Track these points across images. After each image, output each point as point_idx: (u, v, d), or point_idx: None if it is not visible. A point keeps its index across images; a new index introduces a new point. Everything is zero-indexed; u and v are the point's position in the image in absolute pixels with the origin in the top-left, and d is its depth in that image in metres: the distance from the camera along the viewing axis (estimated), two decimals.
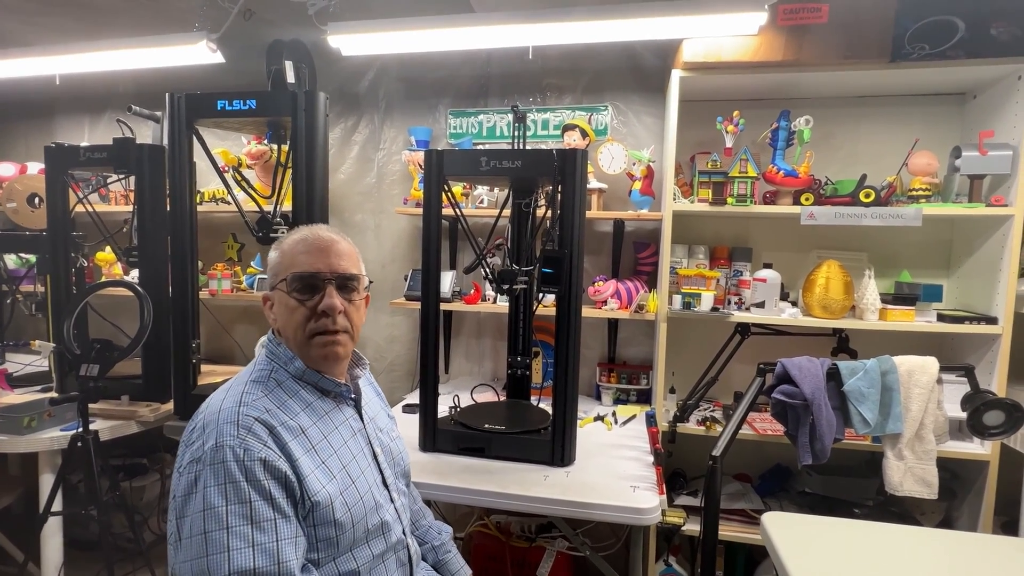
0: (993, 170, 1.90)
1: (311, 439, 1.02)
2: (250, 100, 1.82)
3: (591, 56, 2.44)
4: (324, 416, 1.08)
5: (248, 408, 0.97)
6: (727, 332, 2.10)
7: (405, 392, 2.64)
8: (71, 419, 1.92)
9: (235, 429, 0.93)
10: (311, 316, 1.07)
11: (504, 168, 1.68)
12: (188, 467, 0.93)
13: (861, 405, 1.64)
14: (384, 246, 2.72)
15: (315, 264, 1.08)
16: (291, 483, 0.95)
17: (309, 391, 1.09)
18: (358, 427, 1.14)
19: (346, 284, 1.10)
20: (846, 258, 2.12)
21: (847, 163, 2.23)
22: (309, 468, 0.98)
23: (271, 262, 1.11)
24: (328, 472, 1.01)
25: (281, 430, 0.97)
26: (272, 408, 1.00)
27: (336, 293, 1.08)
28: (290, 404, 1.03)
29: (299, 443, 0.99)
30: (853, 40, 1.84)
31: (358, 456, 1.10)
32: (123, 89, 2.92)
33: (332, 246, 1.10)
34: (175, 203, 1.92)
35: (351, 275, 1.11)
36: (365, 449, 1.13)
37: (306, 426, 1.02)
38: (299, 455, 0.97)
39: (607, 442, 1.93)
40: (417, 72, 2.62)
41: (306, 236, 1.11)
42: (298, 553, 0.93)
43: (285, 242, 1.11)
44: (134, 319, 1.81)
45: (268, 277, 1.12)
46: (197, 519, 0.89)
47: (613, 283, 2.29)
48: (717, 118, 2.05)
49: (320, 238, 1.10)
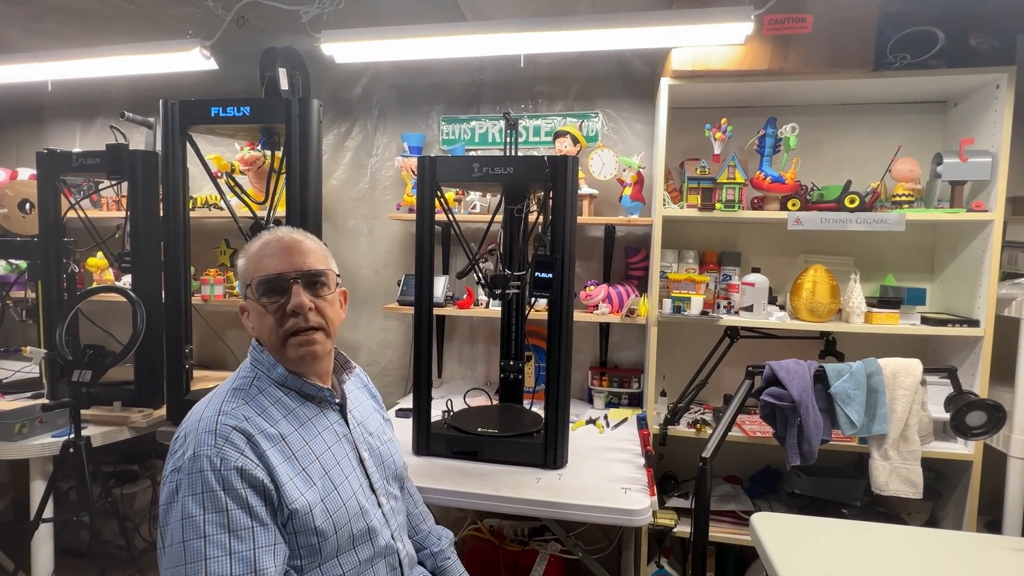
0: (973, 176, 1.94)
1: (291, 446, 1.01)
2: (244, 107, 1.83)
3: (582, 64, 2.47)
4: (306, 422, 1.07)
5: (227, 417, 0.97)
6: (716, 335, 2.12)
7: (399, 396, 2.64)
8: (63, 425, 1.91)
9: (213, 439, 0.94)
10: (283, 318, 1.06)
11: (496, 174, 1.69)
12: (170, 476, 0.94)
13: (847, 407, 1.66)
14: (377, 251, 2.73)
15: (279, 266, 1.06)
16: (269, 491, 0.95)
17: (292, 397, 1.08)
18: (343, 432, 1.13)
19: (314, 281, 1.09)
20: (832, 262, 2.15)
21: (833, 169, 2.27)
22: (288, 476, 0.97)
23: (239, 270, 1.10)
24: (308, 479, 1.00)
25: (260, 438, 0.97)
26: (252, 416, 1.00)
27: (303, 291, 1.06)
28: (271, 411, 1.03)
29: (278, 451, 0.99)
30: (837, 49, 1.88)
31: (342, 461, 1.09)
32: (116, 95, 2.91)
33: (295, 246, 1.09)
34: (168, 209, 1.92)
35: (317, 271, 1.09)
36: (350, 454, 1.12)
37: (286, 433, 1.02)
38: (278, 463, 0.97)
39: (599, 445, 1.94)
40: (410, 79, 2.63)
41: (268, 240, 1.09)
42: (277, 561, 0.93)
43: (250, 248, 1.10)
44: (125, 325, 1.80)
45: (239, 286, 1.11)
46: (176, 528, 0.89)
47: (604, 287, 2.31)
48: (705, 125, 2.08)
49: (282, 240, 1.09)
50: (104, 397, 2.05)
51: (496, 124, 2.56)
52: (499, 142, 2.55)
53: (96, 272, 2.76)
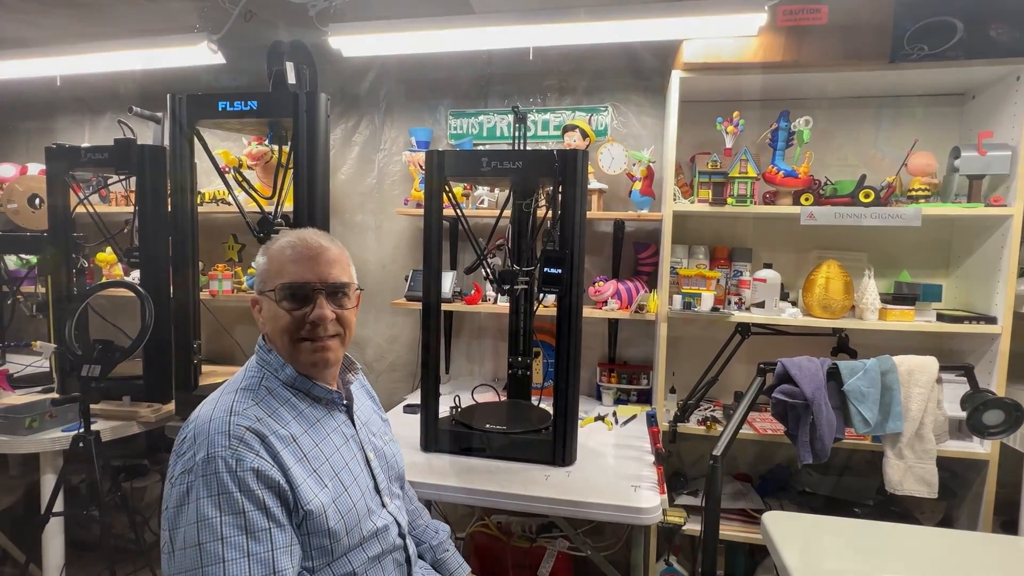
0: (992, 170, 1.90)
1: (302, 447, 1.01)
2: (251, 101, 1.82)
3: (592, 57, 2.44)
4: (316, 424, 1.07)
5: (239, 417, 0.96)
6: (727, 332, 2.10)
7: (406, 392, 2.64)
8: (72, 420, 1.92)
9: (226, 439, 0.93)
10: (301, 324, 1.05)
11: (505, 169, 1.68)
12: (180, 478, 0.92)
13: (861, 404, 1.65)
14: (385, 247, 2.73)
15: (304, 274, 1.05)
16: (284, 492, 0.94)
17: (300, 398, 1.08)
18: (350, 433, 1.13)
19: (336, 292, 1.09)
20: (846, 258, 2.12)
21: (846, 163, 2.24)
22: (301, 477, 0.97)
23: (259, 267, 1.09)
24: (320, 481, 1.00)
25: (273, 439, 0.97)
26: (263, 416, 0.99)
27: (327, 303, 1.06)
28: (281, 412, 1.03)
29: (291, 452, 0.98)
30: (852, 41, 1.85)
31: (351, 463, 1.09)
32: (124, 90, 2.92)
33: (322, 254, 1.07)
34: (176, 204, 1.92)
35: (342, 283, 1.09)
36: (358, 455, 1.12)
37: (297, 434, 1.02)
38: (291, 464, 0.97)
39: (608, 442, 1.93)
40: (418, 73, 2.62)
41: (294, 243, 1.08)
42: (293, 561, 0.93)
43: (272, 248, 1.09)
44: (134, 320, 1.81)
45: (256, 281, 1.10)
46: (191, 530, 0.88)
47: (613, 283, 2.30)
48: (717, 119, 2.06)
49: (309, 246, 1.08)
50: (113, 392, 2.06)
51: (504, 118, 2.55)
52: (507, 136, 2.54)
53: (105, 267, 2.78)
